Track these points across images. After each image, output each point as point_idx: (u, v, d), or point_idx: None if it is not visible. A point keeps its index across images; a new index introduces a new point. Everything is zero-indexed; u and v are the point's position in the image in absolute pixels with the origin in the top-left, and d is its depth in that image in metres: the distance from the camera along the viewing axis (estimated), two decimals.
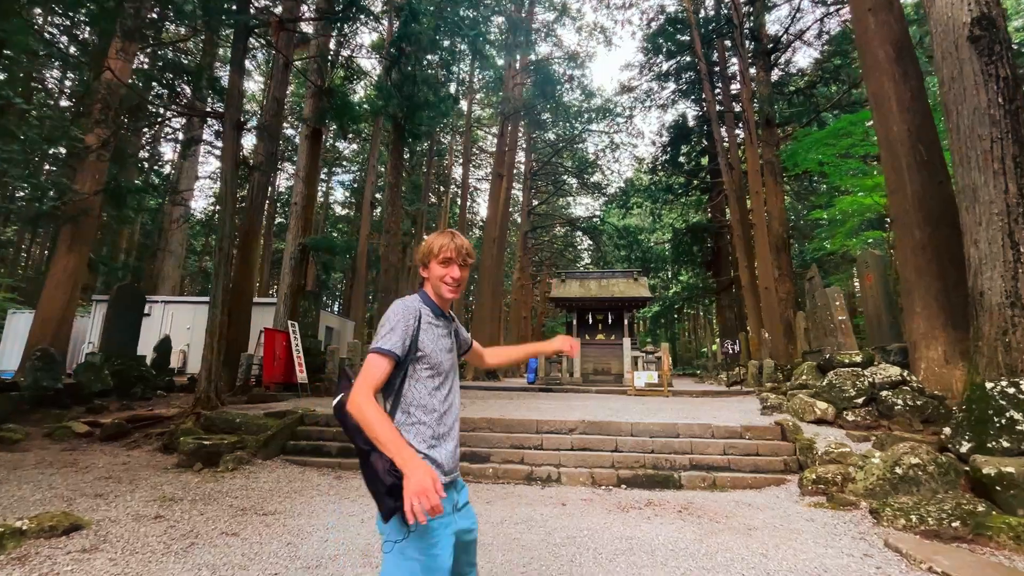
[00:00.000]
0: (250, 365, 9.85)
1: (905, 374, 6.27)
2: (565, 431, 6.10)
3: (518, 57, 25.18)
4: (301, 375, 8.68)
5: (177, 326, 16.38)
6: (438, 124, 19.48)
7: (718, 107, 23.62)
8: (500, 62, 27.43)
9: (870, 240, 19.72)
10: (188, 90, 8.73)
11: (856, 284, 25.44)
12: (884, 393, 6.08)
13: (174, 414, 7.11)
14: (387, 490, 1.22)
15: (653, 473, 5.20)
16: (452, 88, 33.78)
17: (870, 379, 6.24)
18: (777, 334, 17.44)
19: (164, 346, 9.99)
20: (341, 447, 5.86)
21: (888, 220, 22.45)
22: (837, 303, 7.33)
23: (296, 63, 12.78)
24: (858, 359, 6.65)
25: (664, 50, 27.80)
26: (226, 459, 5.09)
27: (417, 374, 1.39)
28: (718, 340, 27.86)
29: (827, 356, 7.11)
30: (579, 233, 37.62)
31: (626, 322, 17.75)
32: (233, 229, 7.28)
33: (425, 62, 15.98)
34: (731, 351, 13.60)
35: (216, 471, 4.96)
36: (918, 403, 5.85)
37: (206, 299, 16.22)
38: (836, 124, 13.71)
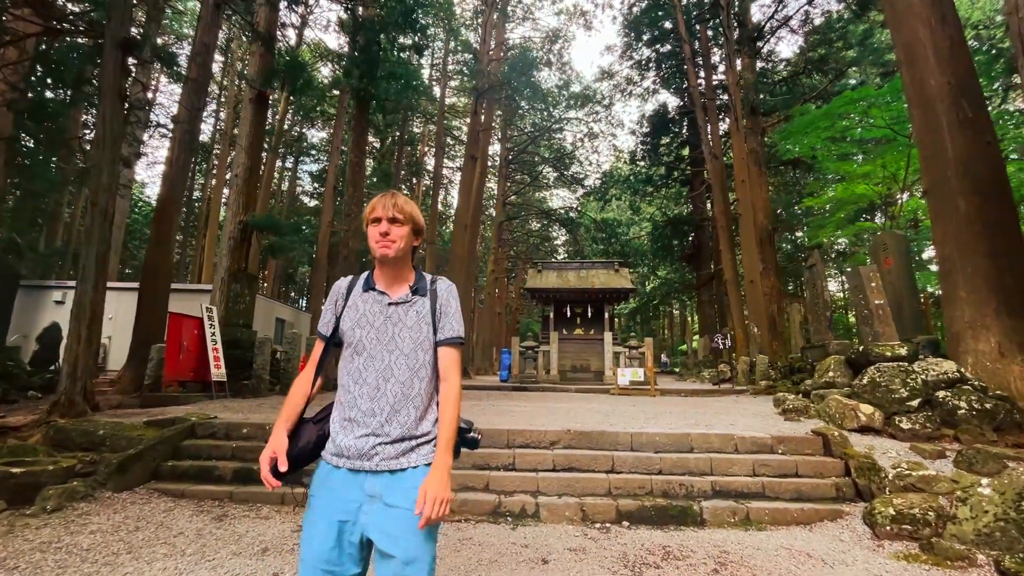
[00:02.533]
0: (162, 360, 8.06)
1: (962, 370, 5.09)
2: (545, 444, 4.66)
3: (494, 33, 23.62)
4: (217, 371, 6.98)
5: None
6: (406, 98, 17.75)
7: (701, 96, 22.65)
8: (476, 45, 25.84)
9: (848, 233, 19.07)
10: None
11: (845, 279, 24.98)
12: (941, 394, 4.87)
13: (28, 422, 5.35)
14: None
15: (665, 504, 3.82)
16: (425, 74, 32.06)
17: (922, 376, 5.02)
18: (762, 329, 16.52)
19: (50, 336, 8.07)
20: (239, 469, 4.27)
21: (874, 210, 21.94)
22: (873, 284, 6.16)
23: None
24: (902, 351, 5.44)
25: (646, 36, 26.74)
26: (48, 494, 3.44)
27: (342, 352, 1.39)
28: (697, 336, 27.02)
29: (859, 348, 5.89)
30: (556, 226, 36.36)
31: (607, 316, 16.49)
32: (114, 180, 5.55)
33: (397, 42, 14.31)
34: (722, 346, 12.47)
35: (24, 514, 3.31)
36: (986, 406, 4.65)
37: (132, 285, 14.19)
38: (835, 102, 12.70)
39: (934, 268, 17.07)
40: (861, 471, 3.87)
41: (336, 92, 25.85)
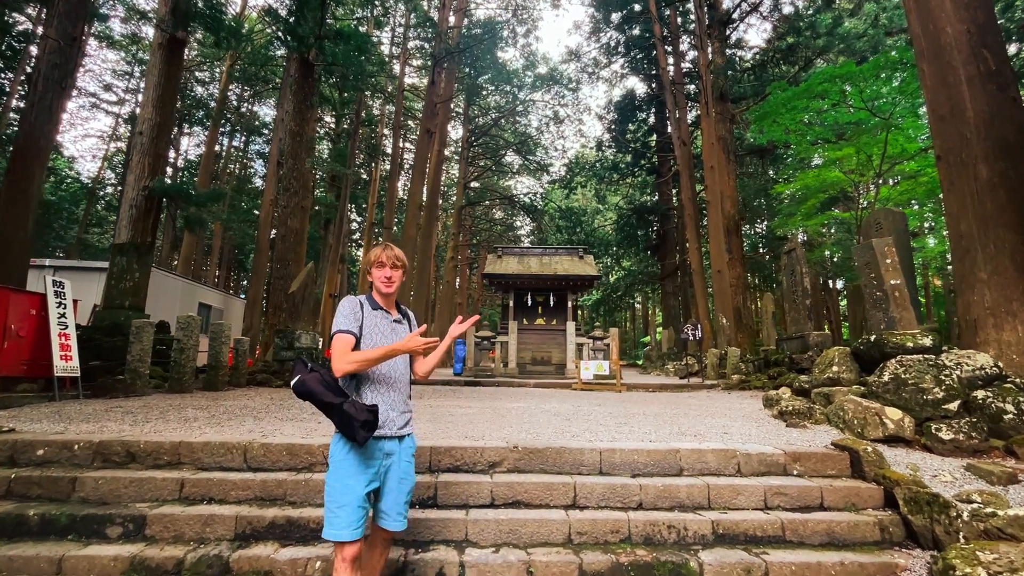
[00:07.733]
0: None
1: (1000, 364, 4.14)
2: (482, 467, 3.37)
3: (455, 2, 21.94)
4: (65, 364, 5.30)
5: None
6: (358, 65, 15.97)
7: (671, 81, 21.84)
8: (435, 15, 24.04)
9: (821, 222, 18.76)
10: None
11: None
12: (979, 394, 3.91)
13: None
14: (361, 424, 1.78)
15: (649, 560, 2.61)
16: (385, 50, 29.93)
17: (956, 372, 4.04)
18: (729, 320, 15.88)
19: None
20: (6, 515, 2.77)
21: (836, 201, 21.82)
22: (888, 261, 5.19)
23: None
24: (927, 341, 4.47)
25: (615, 17, 25.73)
26: None
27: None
28: (661, 328, 26.51)
29: (870, 338, 4.90)
30: (520, 214, 35.10)
31: (570, 305, 15.40)
32: None
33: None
34: (692, 337, 11.59)
35: None
36: None
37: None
38: (813, 78, 11.95)
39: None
40: (915, 504, 2.78)
41: (284, 63, 23.61)
